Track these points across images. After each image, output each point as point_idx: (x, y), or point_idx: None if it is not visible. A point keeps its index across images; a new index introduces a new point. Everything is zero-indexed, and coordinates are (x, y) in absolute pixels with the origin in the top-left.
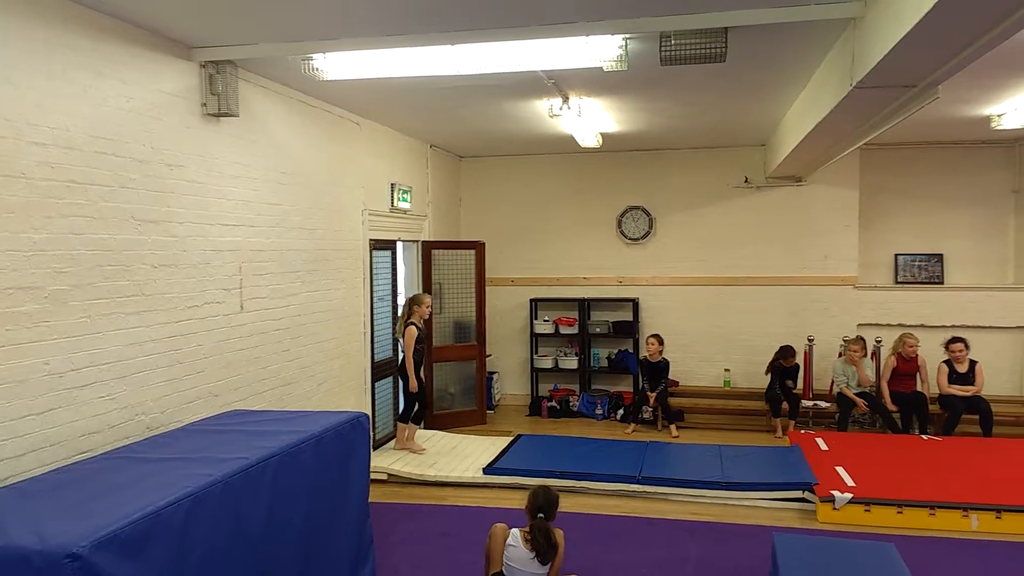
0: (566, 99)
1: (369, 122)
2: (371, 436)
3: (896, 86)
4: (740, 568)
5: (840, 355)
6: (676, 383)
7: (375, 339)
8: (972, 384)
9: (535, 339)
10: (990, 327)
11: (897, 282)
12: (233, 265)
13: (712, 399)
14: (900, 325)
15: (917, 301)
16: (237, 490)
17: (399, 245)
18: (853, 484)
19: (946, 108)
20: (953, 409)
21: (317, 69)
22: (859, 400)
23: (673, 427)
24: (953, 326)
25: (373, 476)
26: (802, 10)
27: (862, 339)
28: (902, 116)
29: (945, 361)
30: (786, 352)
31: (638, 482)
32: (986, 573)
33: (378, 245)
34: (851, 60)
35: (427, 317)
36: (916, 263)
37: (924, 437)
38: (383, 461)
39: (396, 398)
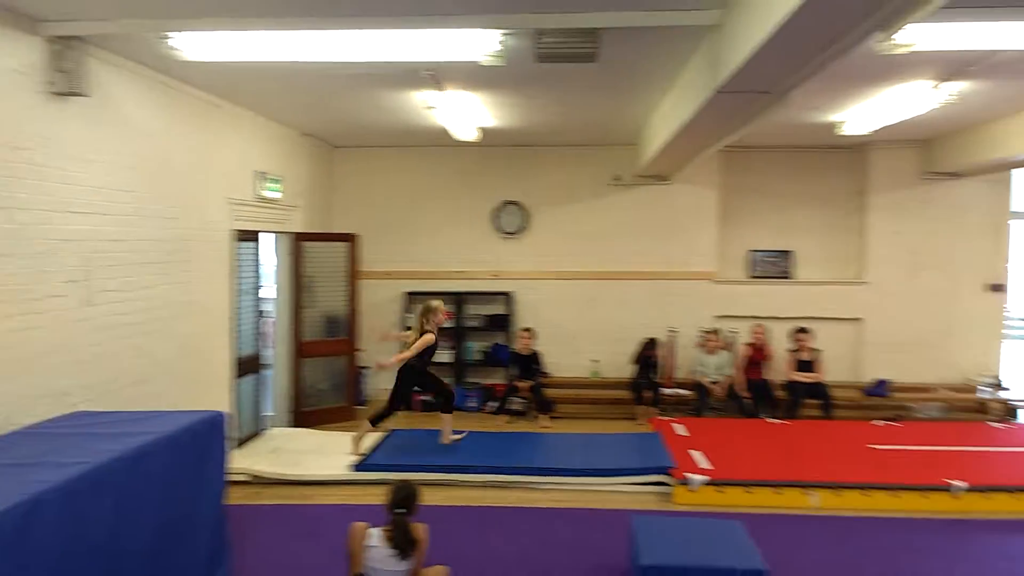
0: (443, 92)
1: (235, 107)
2: (232, 436)
3: (753, 92)
4: (603, 550)
5: (699, 345)
6: (547, 374)
7: (239, 334)
8: (814, 371)
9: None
10: (832, 318)
11: (751, 276)
12: (81, 256)
13: (581, 389)
14: (753, 317)
15: (768, 294)
16: (79, 496)
17: (267, 236)
18: (708, 467)
19: (797, 114)
20: (796, 394)
21: (175, 49)
22: (714, 387)
23: (544, 418)
24: (800, 317)
25: (235, 477)
26: (666, 15)
27: (718, 330)
28: (755, 120)
29: (791, 350)
30: (650, 344)
31: (509, 473)
32: (823, 545)
33: (243, 236)
34: (712, 66)
35: (442, 325)
36: (768, 259)
37: (771, 421)
38: (246, 462)
39: (261, 395)
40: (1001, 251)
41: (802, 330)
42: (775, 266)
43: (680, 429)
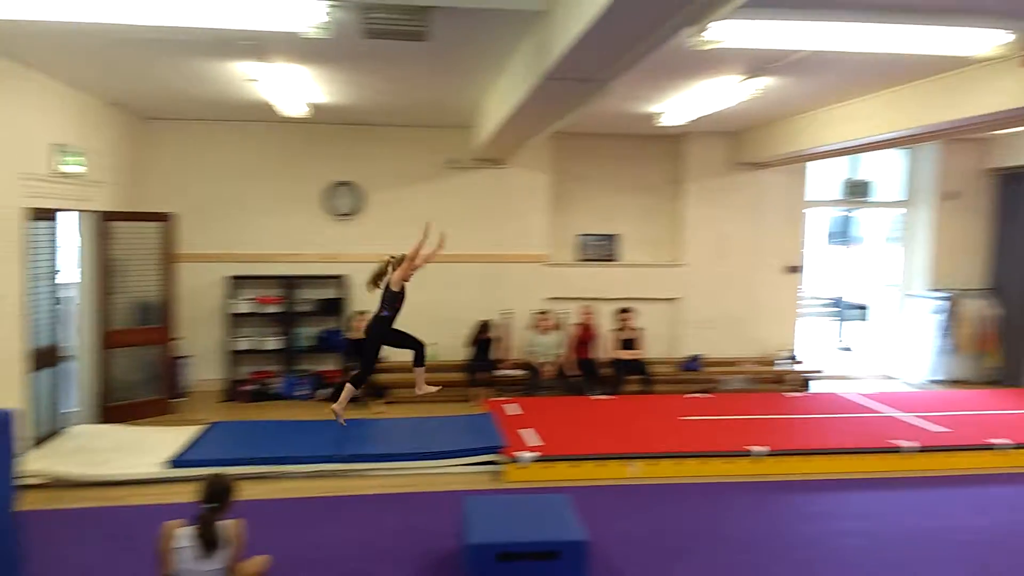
0: (266, 64)
1: (25, 70)
2: (25, 435)
3: (576, 79)
4: (436, 533)
5: (532, 326)
6: (382, 360)
7: (34, 324)
8: (636, 348)
9: (233, 319)
10: (653, 299)
11: (580, 259)
12: None
13: None
14: (582, 298)
15: (596, 276)
16: None
17: (69, 215)
18: (537, 444)
19: (620, 104)
20: (620, 371)
21: None
22: (546, 367)
23: (378, 403)
24: (624, 298)
25: (30, 481)
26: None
27: (550, 311)
28: (581, 107)
29: (616, 329)
30: (485, 326)
31: (339, 461)
32: (640, 512)
33: (38, 215)
34: (539, 52)
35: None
36: (596, 242)
37: (597, 397)
38: (43, 463)
39: (61, 390)
40: (797, 236)
41: (625, 310)
42: (602, 249)
43: (512, 409)
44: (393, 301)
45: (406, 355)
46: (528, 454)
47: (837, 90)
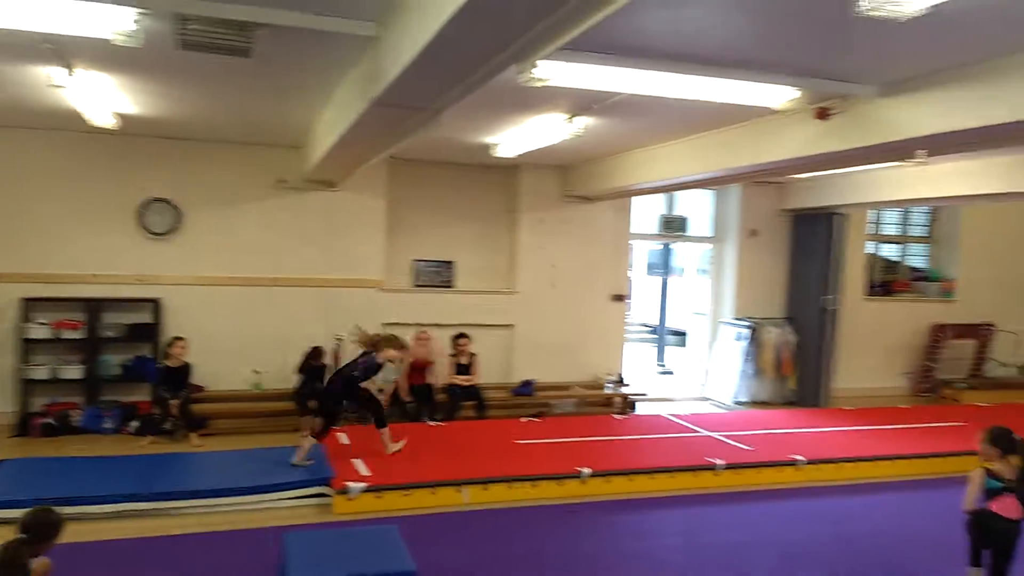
0: (70, 69)
1: None
2: None
3: (406, 107)
4: (255, 572)
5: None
6: (201, 388)
7: None
8: (471, 374)
9: (27, 345)
10: (487, 325)
11: (416, 285)
12: None
13: (242, 403)
14: (418, 324)
15: (432, 302)
16: None
17: None
18: (368, 473)
19: (454, 133)
20: (455, 397)
21: None
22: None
23: (195, 436)
24: (460, 324)
25: None
26: (323, 20)
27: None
28: (412, 134)
29: (451, 355)
30: (316, 353)
31: (147, 499)
32: (471, 538)
33: None
34: (369, 78)
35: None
36: (432, 268)
37: (431, 423)
38: None
39: None
40: (622, 266)
41: (461, 336)
42: (438, 275)
43: (343, 438)
44: (372, 371)
45: (233, 382)
46: (357, 484)
47: (654, 132)
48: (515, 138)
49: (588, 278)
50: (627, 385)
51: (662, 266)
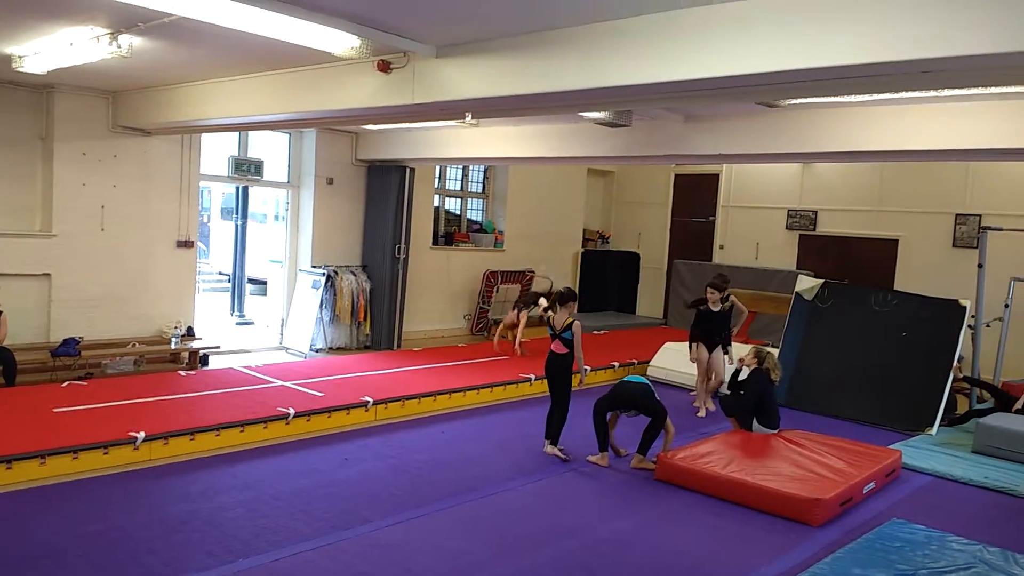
0: None
1: None
2: None
3: None
4: None
5: None
6: None
7: None
8: None
9: None
10: (16, 274)
11: None
12: None
13: None
14: None
15: None
16: None
17: None
18: None
19: None
20: None
21: None
22: None
23: None
24: None
25: None
26: None
27: None
28: None
29: None
30: None
31: None
32: None
33: None
34: None
35: None
36: None
37: None
38: None
39: None
40: (191, 209)
41: None
42: None
43: None
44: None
45: None
46: None
47: (216, 64)
48: (46, 51)
49: (148, 221)
50: (198, 339)
51: (238, 211)
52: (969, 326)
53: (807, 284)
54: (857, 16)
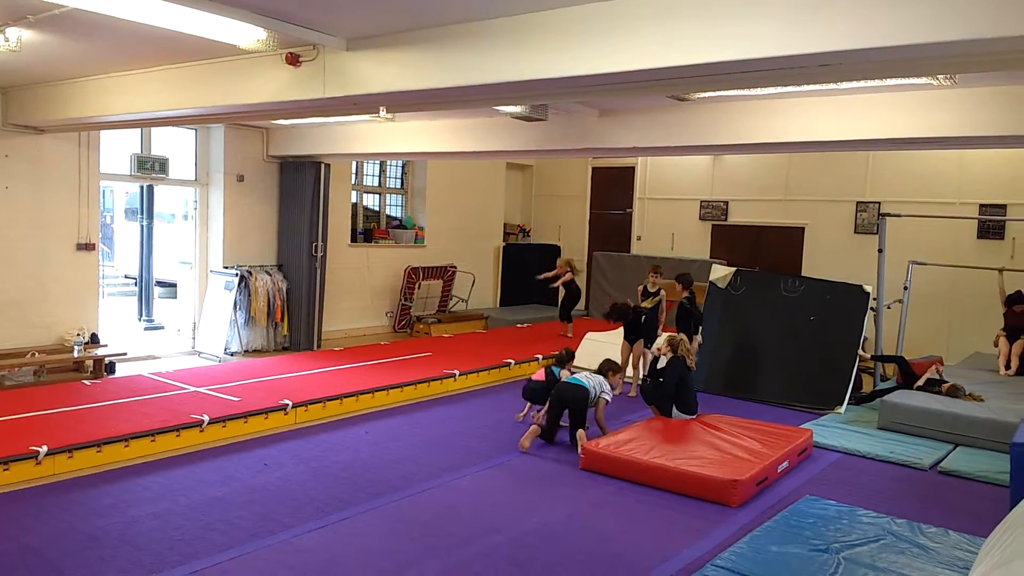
0: None
1: None
2: None
3: None
4: None
5: None
6: None
7: None
8: None
9: None
10: None
11: None
12: None
13: None
14: None
15: None
16: None
17: None
18: None
19: None
20: None
21: None
22: None
23: None
24: None
25: None
26: None
27: None
28: None
29: None
30: None
31: None
32: None
33: None
34: None
35: None
36: None
37: None
38: None
39: None
40: (92, 210)
41: None
42: None
43: None
44: None
45: None
46: None
47: (114, 58)
48: None
49: (45, 224)
50: (103, 346)
51: (143, 211)
52: (872, 308)
53: (720, 272)
54: (761, 11)
